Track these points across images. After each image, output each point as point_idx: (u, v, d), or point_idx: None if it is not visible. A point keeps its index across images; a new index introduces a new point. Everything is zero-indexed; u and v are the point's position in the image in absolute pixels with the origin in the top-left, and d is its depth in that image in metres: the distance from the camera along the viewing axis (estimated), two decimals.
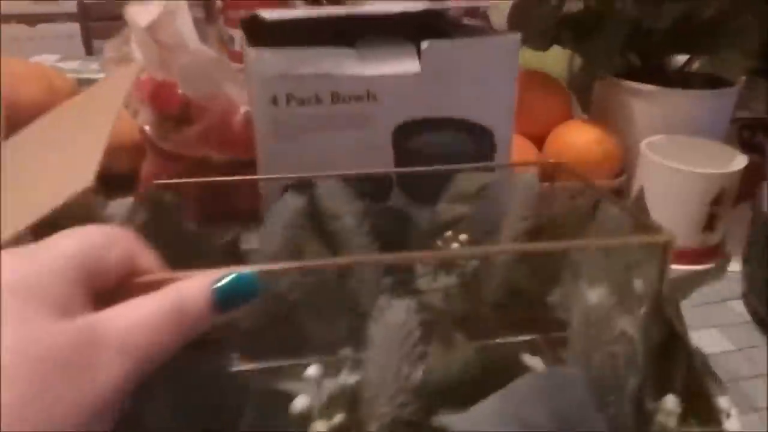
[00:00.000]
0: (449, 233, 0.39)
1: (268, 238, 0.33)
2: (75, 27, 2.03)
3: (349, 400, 0.26)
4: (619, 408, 0.25)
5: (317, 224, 0.36)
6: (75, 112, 0.32)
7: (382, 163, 0.42)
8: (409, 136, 0.41)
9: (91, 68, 0.78)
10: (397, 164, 0.42)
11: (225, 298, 0.22)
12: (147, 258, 0.24)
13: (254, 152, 0.51)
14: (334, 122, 0.40)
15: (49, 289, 0.19)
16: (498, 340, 0.39)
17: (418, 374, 0.24)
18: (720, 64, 0.61)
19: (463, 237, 0.39)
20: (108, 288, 0.22)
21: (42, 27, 2.02)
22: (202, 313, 0.22)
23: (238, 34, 0.78)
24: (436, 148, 0.42)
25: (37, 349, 0.18)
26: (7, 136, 0.40)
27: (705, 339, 0.43)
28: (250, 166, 0.55)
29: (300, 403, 0.26)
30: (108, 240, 0.22)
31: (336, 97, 0.39)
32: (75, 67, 0.80)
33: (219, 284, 0.22)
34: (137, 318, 0.20)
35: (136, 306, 0.21)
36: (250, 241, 0.37)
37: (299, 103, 0.39)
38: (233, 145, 0.54)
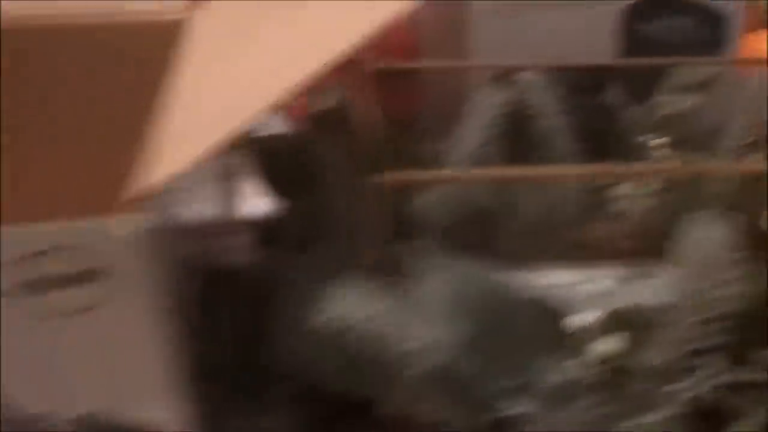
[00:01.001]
0: (653, 137, 0.34)
1: (465, 138, 0.30)
2: None
3: (638, 321, 0.23)
4: None
5: (517, 121, 0.32)
6: None
7: (603, 49, 0.37)
8: (637, 19, 0.37)
9: None
10: (621, 51, 0.37)
11: None
12: None
13: (415, 58, 0.46)
14: None
15: None
16: None
17: (733, 300, 0.20)
18: None
19: (662, 140, 0.34)
20: None
21: None
22: None
23: None
24: (666, 35, 0.37)
25: None
26: None
27: None
28: (408, 75, 0.50)
29: (580, 319, 0.22)
30: None
31: None
32: None
33: None
34: None
35: None
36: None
37: None
38: (391, 49, 0.49)
